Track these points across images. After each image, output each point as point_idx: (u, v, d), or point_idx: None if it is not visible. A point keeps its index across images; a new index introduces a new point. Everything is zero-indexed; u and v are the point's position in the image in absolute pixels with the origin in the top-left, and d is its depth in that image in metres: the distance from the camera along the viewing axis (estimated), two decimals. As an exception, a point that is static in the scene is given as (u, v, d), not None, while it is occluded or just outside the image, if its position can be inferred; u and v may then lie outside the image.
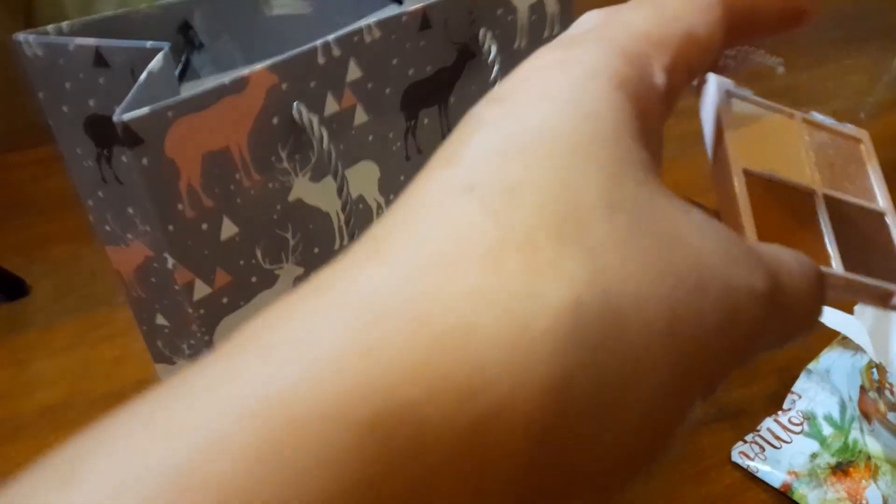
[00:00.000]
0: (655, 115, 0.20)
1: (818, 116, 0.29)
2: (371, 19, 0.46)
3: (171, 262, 0.41)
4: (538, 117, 0.18)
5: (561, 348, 0.15)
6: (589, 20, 0.22)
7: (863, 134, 0.30)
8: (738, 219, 0.23)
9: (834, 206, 0.26)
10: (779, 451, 0.59)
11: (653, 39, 0.20)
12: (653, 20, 0.21)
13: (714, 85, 0.26)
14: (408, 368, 0.14)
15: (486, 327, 0.15)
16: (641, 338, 0.16)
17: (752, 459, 0.58)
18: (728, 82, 0.26)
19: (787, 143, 0.27)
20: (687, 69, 0.21)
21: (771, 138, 0.27)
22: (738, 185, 0.23)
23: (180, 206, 0.40)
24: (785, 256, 0.21)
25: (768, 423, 0.61)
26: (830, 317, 0.58)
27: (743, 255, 0.19)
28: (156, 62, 0.40)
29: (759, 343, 0.19)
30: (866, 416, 0.57)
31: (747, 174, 0.24)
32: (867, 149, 0.29)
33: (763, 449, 0.59)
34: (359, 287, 0.15)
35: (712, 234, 0.18)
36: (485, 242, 0.16)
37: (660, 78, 0.20)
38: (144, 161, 0.37)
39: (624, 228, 0.17)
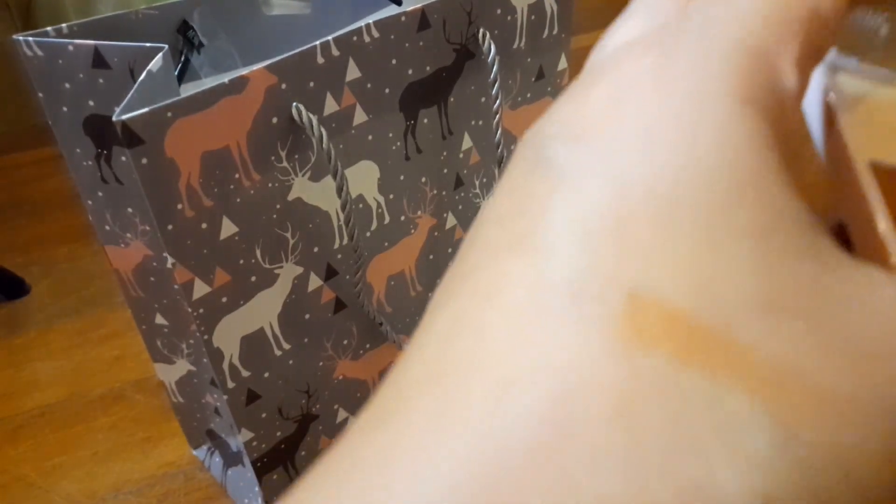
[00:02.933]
0: (797, 131, 0.15)
1: None
2: (370, 19, 0.46)
3: (170, 261, 0.41)
4: (644, 171, 0.13)
5: None
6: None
7: None
8: (873, 232, 0.18)
9: None
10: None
11: (773, 25, 0.14)
12: None
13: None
14: None
15: None
16: None
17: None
18: (831, 52, 0.21)
19: None
20: (815, 57, 0.15)
21: (887, 118, 0.21)
22: (867, 183, 0.18)
23: (180, 206, 0.40)
24: None
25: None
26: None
27: None
28: (155, 62, 0.40)
29: None
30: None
31: (876, 168, 0.19)
32: None
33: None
34: (411, 498, 0.11)
35: None
36: (611, 392, 0.11)
37: (791, 78, 0.14)
38: (144, 161, 0.37)
39: (798, 340, 0.12)
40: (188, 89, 0.39)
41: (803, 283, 0.12)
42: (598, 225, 0.13)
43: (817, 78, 0.20)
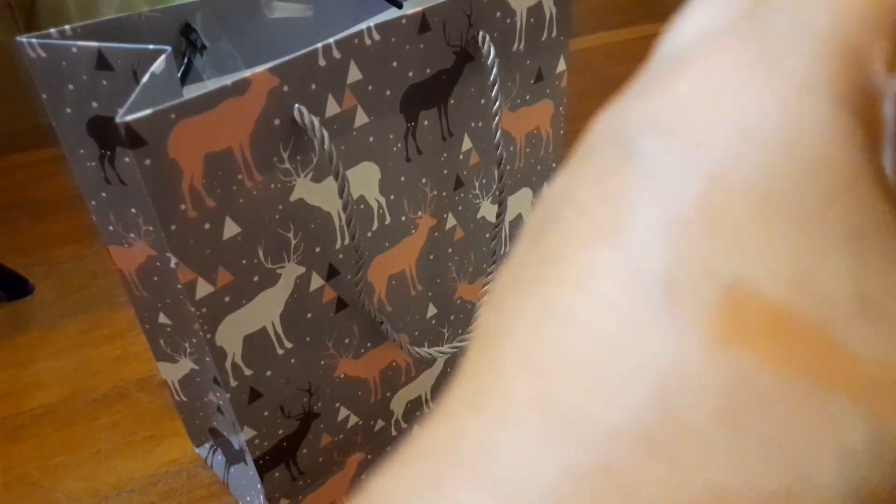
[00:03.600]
0: (883, 132, 0.14)
1: None
2: (371, 22, 0.46)
3: (173, 261, 0.41)
4: (742, 166, 0.13)
5: None
6: None
7: None
8: None
9: None
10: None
11: (869, 22, 0.14)
12: None
13: None
14: None
15: None
16: None
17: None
18: None
19: None
20: None
21: None
22: None
23: (183, 207, 0.40)
24: None
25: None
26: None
27: None
28: (158, 64, 0.40)
29: None
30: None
31: None
32: None
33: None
34: (529, 481, 0.11)
35: None
36: (718, 392, 0.11)
37: (882, 78, 0.14)
38: (147, 162, 0.38)
39: (891, 344, 0.12)
40: (191, 91, 0.40)
41: (895, 285, 0.12)
42: (691, 216, 0.12)
43: None
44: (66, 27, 0.45)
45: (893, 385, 0.11)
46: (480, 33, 0.53)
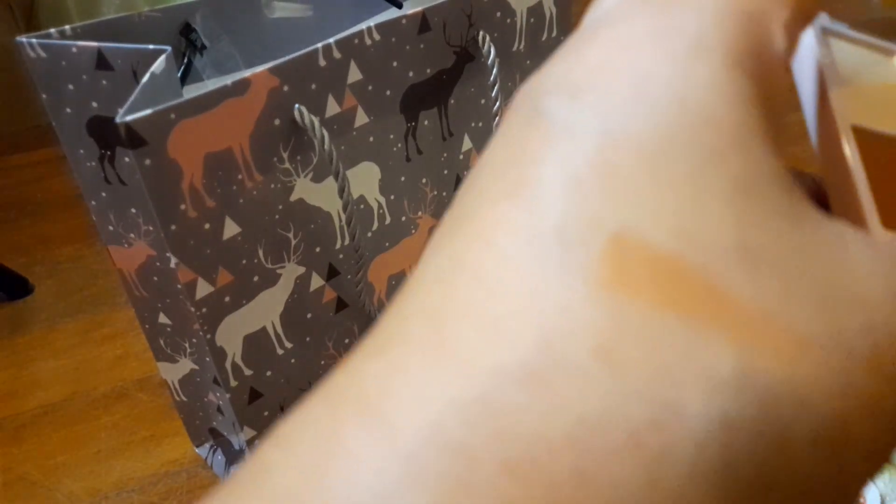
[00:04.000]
0: (782, 92, 0.15)
1: None
2: (371, 22, 0.46)
3: (173, 261, 0.41)
4: (635, 124, 0.13)
5: (703, 489, 0.11)
6: None
7: None
8: (851, 195, 0.18)
9: None
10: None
11: None
12: None
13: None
14: None
15: (606, 471, 0.11)
16: (808, 451, 0.12)
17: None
18: (823, 17, 0.21)
19: (893, 88, 0.22)
20: (804, 21, 0.16)
21: (876, 85, 0.22)
22: (849, 148, 0.18)
23: (183, 207, 0.40)
24: None
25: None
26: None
27: None
28: (158, 64, 0.40)
29: None
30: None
31: (858, 133, 0.19)
32: None
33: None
34: (415, 415, 0.12)
35: (878, 269, 0.14)
36: (596, 330, 0.12)
37: (780, 41, 0.15)
38: (147, 162, 0.38)
39: (771, 288, 0.13)
40: (191, 91, 0.40)
41: (778, 236, 0.13)
42: (587, 173, 0.13)
43: (809, 43, 0.20)
44: (66, 27, 0.45)
45: (765, 325, 0.12)
46: (481, 33, 0.53)
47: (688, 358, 0.12)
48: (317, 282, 0.50)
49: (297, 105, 0.43)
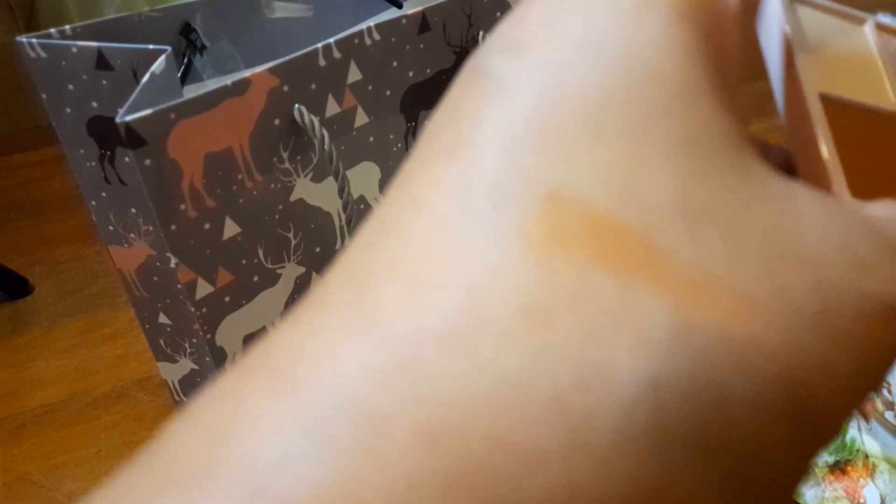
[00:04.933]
0: (734, 48, 0.15)
1: (886, 19, 0.23)
2: (371, 22, 0.46)
3: (173, 261, 0.41)
4: (577, 80, 0.13)
5: (631, 453, 0.11)
6: None
7: None
8: (819, 163, 0.18)
9: None
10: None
11: None
12: None
13: None
14: None
15: (525, 435, 0.11)
16: (749, 413, 0.12)
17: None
18: None
19: (862, 57, 0.21)
20: None
21: (843, 52, 0.21)
22: (816, 115, 0.18)
23: (183, 207, 0.40)
24: None
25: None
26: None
27: (875, 251, 0.13)
28: (158, 64, 0.40)
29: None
30: (864, 414, 0.57)
31: (825, 100, 0.19)
32: None
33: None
34: (326, 381, 0.11)
35: (830, 228, 0.13)
36: (525, 291, 0.12)
37: None
38: (147, 162, 0.38)
39: (713, 246, 0.12)
40: (191, 91, 0.40)
41: (723, 193, 0.13)
42: (524, 130, 0.13)
43: (775, 8, 0.20)
44: (66, 27, 0.45)
45: (704, 282, 0.12)
46: (480, 33, 0.53)
47: (619, 317, 0.11)
48: (317, 282, 0.50)
49: (297, 105, 0.43)
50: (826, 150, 0.17)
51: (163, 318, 0.53)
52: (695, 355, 0.11)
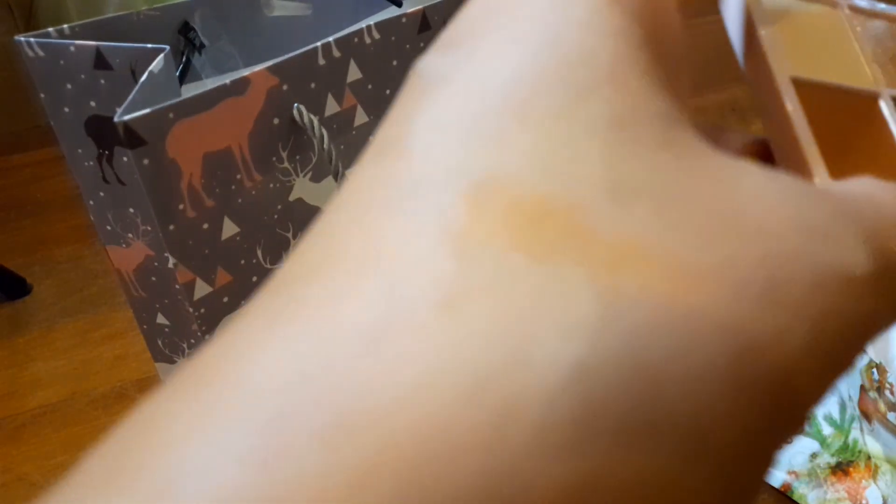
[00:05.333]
0: (673, 31, 0.14)
1: (863, 1, 0.22)
2: (371, 21, 0.46)
3: (171, 261, 0.41)
4: (506, 67, 0.13)
5: (555, 445, 0.10)
6: None
7: None
8: (796, 148, 0.17)
9: None
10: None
11: None
12: None
13: None
14: None
15: (443, 430, 0.10)
16: (693, 390, 0.11)
17: (752, 459, 0.58)
18: None
19: (836, 38, 0.21)
20: None
21: (815, 34, 0.21)
22: (790, 100, 0.18)
23: (181, 206, 0.40)
24: (884, 197, 0.14)
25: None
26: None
27: (830, 220, 0.13)
28: (157, 63, 0.40)
29: (866, 340, 0.13)
30: (866, 415, 0.57)
31: (797, 84, 0.18)
32: None
33: (763, 449, 0.59)
34: (244, 393, 0.11)
35: (780, 200, 0.13)
36: (442, 282, 0.11)
37: None
38: (146, 161, 0.38)
39: (645, 219, 0.12)
40: (190, 90, 0.39)
41: (656, 168, 0.12)
42: (453, 121, 0.13)
43: None
44: (65, 26, 0.45)
45: (637, 259, 0.11)
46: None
47: (539, 301, 0.11)
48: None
49: (296, 104, 0.43)
50: (803, 136, 0.17)
51: (161, 319, 0.53)
52: (627, 334, 0.11)
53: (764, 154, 0.19)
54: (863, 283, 0.13)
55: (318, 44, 0.43)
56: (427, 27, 0.49)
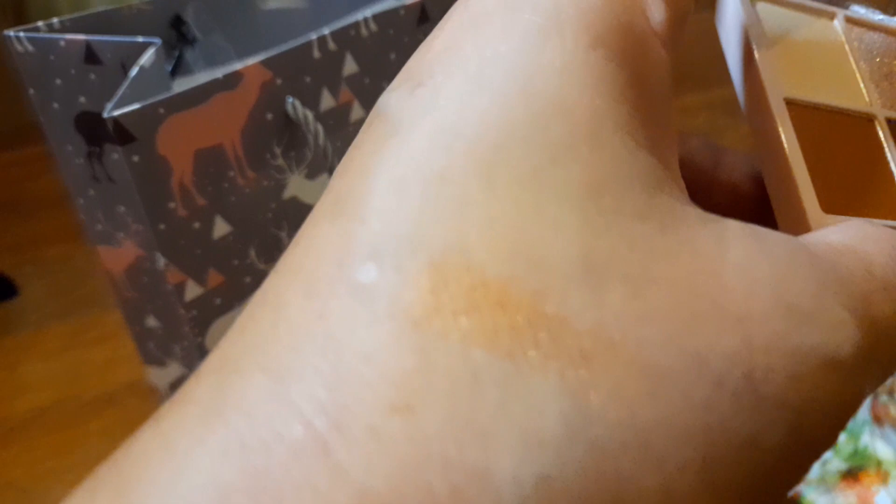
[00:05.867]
0: (659, 70, 0.13)
1: (861, 11, 0.22)
2: (368, 13, 0.45)
3: (162, 261, 0.40)
4: (472, 118, 0.11)
5: None
6: None
7: None
8: (789, 179, 0.16)
9: None
10: (784, 455, 0.58)
11: None
12: None
13: None
14: None
15: None
16: None
17: (758, 464, 0.58)
18: None
19: (833, 55, 0.20)
20: None
21: (810, 50, 0.20)
22: (783, 123, 0.17)
23: (172, 205, 0.39)
24: (874, 252, 0.13)
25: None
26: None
27: (816, 295, 0.12)
28: (147, 57, 0.39)
29: (849, 419, 0.12)
30: (878, 420, 0.57)
31: (791, 105, 0.18)
32: None
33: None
34: (172, 500, 0.10)
35: (765, 275, 0.12)
36: (392, 381, 0.10)
37: (658, 11, 0.13)
38: (135, 158, 0.37)
39: (617, 310, 0.11)
40: (181, 85, 0.39)
41: (633, 243, 0.11)
42: (412, 180, 0.11)
43: (735, 5, 0.19)
44: (55, 20, 0.44)
45: (606, 357, 0.10)
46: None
47: (500, 407, 0.10)
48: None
49: (290, 99, 0.42)
50: (795, 165, 0.16)
51: (152, 321, 0.52)
52: (593, 445, 0.10)
53: (762, 184, 0.18)
54: (850, 364, 0.12)
55: (314, 36, 0.43)
56: (426, 19, 0.48)
